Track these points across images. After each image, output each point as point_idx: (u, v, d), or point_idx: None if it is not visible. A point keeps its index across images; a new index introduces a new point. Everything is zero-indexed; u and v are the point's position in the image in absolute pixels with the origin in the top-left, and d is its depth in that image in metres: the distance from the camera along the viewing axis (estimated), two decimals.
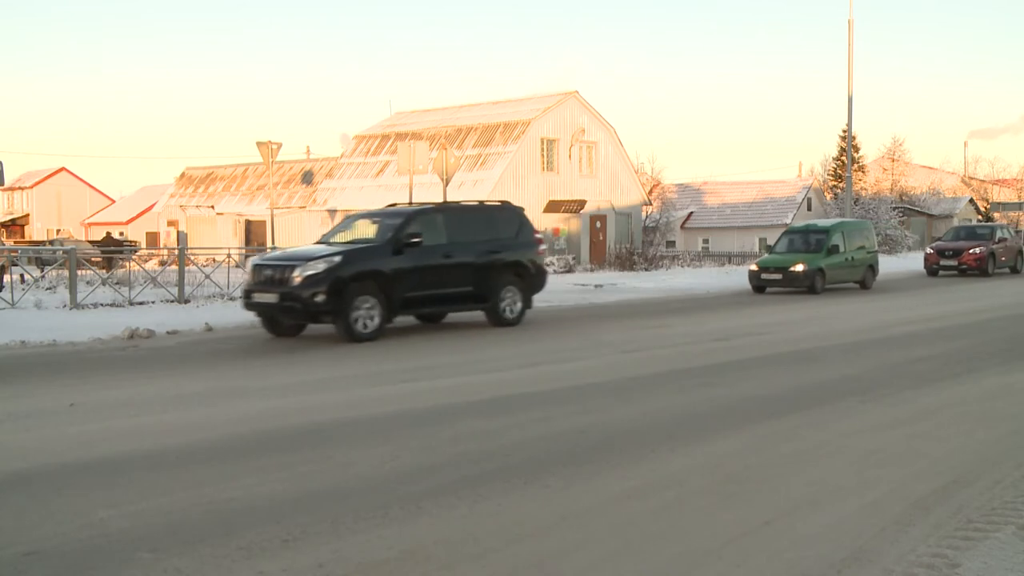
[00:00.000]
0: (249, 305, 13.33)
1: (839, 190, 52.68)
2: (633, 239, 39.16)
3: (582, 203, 38.33)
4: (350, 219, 15.52)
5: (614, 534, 4.59)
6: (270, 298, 12.83)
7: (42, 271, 21.46)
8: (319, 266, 12.62)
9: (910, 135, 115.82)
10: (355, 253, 13.23)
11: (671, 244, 50.79)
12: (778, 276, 22.49)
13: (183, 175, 51.10)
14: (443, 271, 14.00)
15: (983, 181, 69.19)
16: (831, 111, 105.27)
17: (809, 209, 52.95)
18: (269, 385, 9.27)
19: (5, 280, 18.38)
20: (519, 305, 14.94)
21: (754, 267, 23.46)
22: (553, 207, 37.99)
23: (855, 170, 50.17)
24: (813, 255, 22.75)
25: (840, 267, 23.19)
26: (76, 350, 12.11)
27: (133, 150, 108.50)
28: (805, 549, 4.37)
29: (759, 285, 22.83)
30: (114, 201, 69.79)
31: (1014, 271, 30.42)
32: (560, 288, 24.94)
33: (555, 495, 5.26)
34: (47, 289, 18.49)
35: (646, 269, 33.60)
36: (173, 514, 4.89)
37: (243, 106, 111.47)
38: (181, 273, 18.40)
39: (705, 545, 4.44)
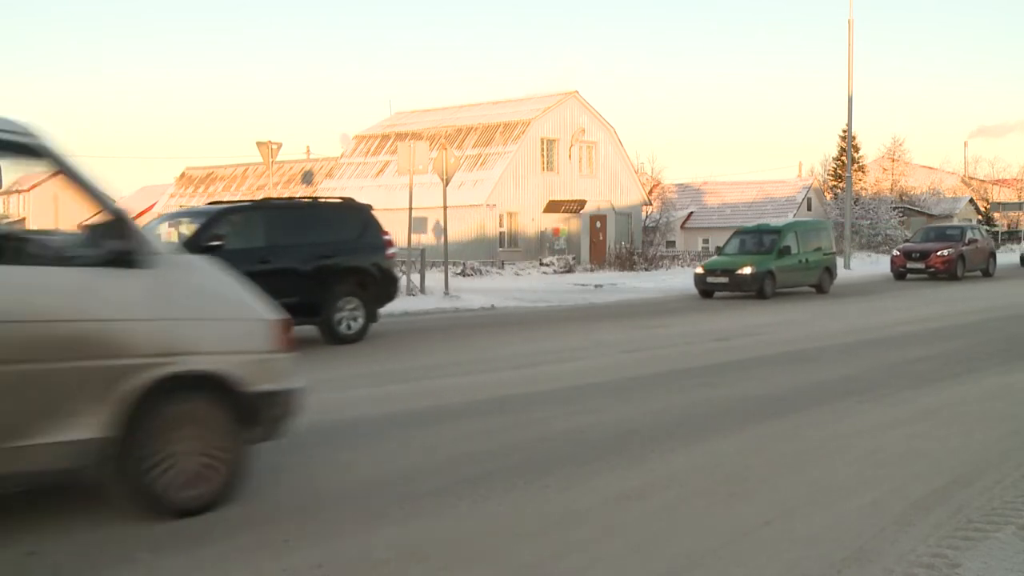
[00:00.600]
0: None
1: (839, 190, 52.67)
2: (633, 239, 39.17)
3: (582, 203, 38.34)
4: (162, 218, 13.68)
5: (614, 534, 4.59)
6: None
7: None
8: None
9: (910, 135, 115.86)
10: None
11: (671, 244, 50.78)
12: (724, 279, 21.11)
13: (183, 175, 51.13)
14: (258, 280, 11.44)
15: (983, 181, 69.21)
16: (831, 111, 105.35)
17: (809, 209, 52.95)
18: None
19: None
20: (361, 318, 12.93)
21: (700, 270, 21.98)
22: (553, 207, 38.01)
23: (855, 170, 50.15)
24: (763, 257, 21.34)
25: (793, 270, 21.89)
26: None
27: (133, 150, 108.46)
28: (805, 549, 4.37)
29: (706, 289, 21.50)
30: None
31: (986, 274, 28.79)
32: (560, 288, 24.96)
33: (555, 495, 5.26)
34: None
35: (646, 269, 33.63)
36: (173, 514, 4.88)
37: (243, 106, 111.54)
38: None
39: (705, 545, 4.44)
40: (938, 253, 27.18)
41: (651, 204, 46.49)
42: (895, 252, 29.22)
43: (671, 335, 13.72)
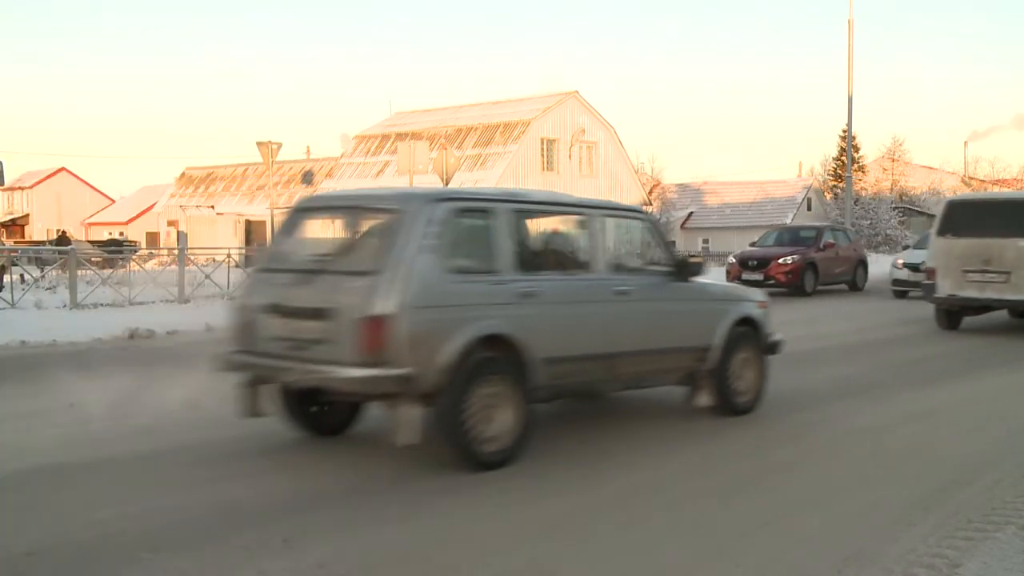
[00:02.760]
0: None
1: (839, 190, 52.59)
2: None
3: None
4: None
5: (614, 534, 4.59)
6: None
7: (42, 271, 21.43)
8: None
9: (910, 135, 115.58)
10: None
11: (671, 244, 50.61)
12: None
13: (183, 175, 51.11)
14: None
15: (983, 181, 69.11)
16: (831, 111, 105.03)
17: (809, 209, 52.93)
18: None
19: (5, 280, 18.36)
20: None
21: None
22: None
23: (855, 170, 50.04)
24: None
25: None
26: (76, 350, 12.10)
27: (133, 150, 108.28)
28: (805, 549, 4.37)
29: None
30: (114, 201, 69.73)
31: (853, 287, 22.22)
32: None
33: (555, 495, 5.26)
34: (47, 289, 18.45)
35: None
36: (173, 514, 4.89)
37: (243, 106, 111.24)
38: (181, 273, 18.40)
39: (705, 545, 4.44)
40: (779, 261, 20.71)
41: (651, 204, 46.49)
42: (731, 260, 22.27)
43: None
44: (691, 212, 57.03)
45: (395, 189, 7.23)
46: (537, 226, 6.70)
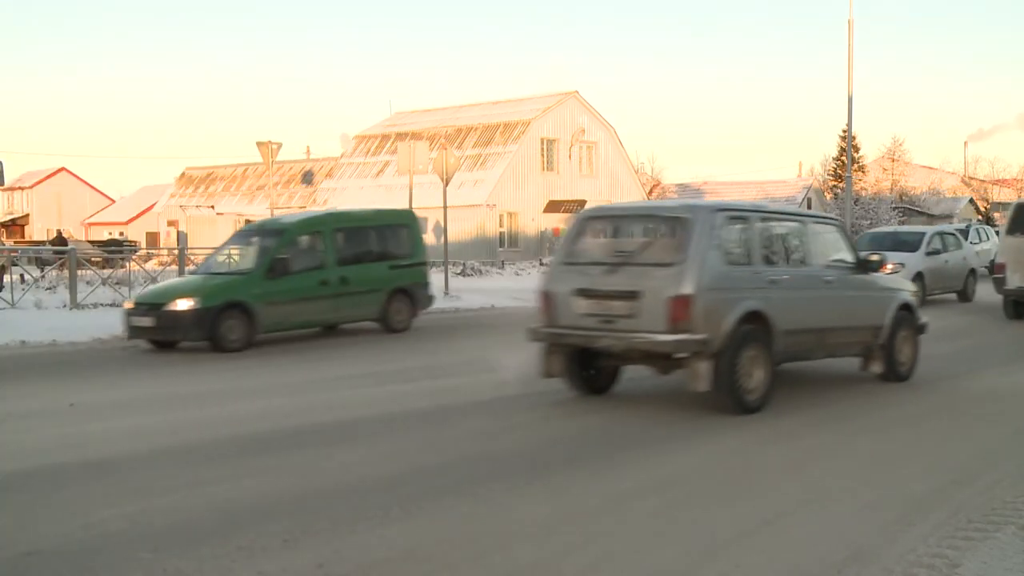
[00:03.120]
0: None
1: (839, 190, 52.61)
2: None
3: (582, 203, 38.27)
4: None
5: (614, 534, 4.59)
6: None
7: (42, 271, 21.43)
8: None
9: (910, 135, 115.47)
10: None
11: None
12: (149, 321, 11.94)
13: (183, 175, 51.16)
14: None
15: (983, 181, 69.07)
16: (831, 111, 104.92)
17: (809, 208, 52.98)
18: (269, 385, 9.28)
19: (5, 280, 18.36)
20: None
21: (129, 304, 12.75)
22: (553, 207, 38.00)
23: (855, 170, 50.06)
24: (234, 280, 12.71)
25: (305, 299, 12.82)
26: (76, 350, 12.12)
27: (133, 150, 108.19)
28: (805, 549, 4.37)
29: (136, 336, 12.28)
30: (114, 201, 69.73)
31: None
32: None
33: (555, 495, 5.26)
34: (47, 289, 18.46)
35: None
36: (173, 514, 4.89)
37: (243, 106, 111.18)
38: (181, 273, 18.41)
39: (705, 545, 4.43)
40: None
41: None
42: None
43: None
44: None
45: (679, 201, 10.14)
46: (773, 230, 8.19)
